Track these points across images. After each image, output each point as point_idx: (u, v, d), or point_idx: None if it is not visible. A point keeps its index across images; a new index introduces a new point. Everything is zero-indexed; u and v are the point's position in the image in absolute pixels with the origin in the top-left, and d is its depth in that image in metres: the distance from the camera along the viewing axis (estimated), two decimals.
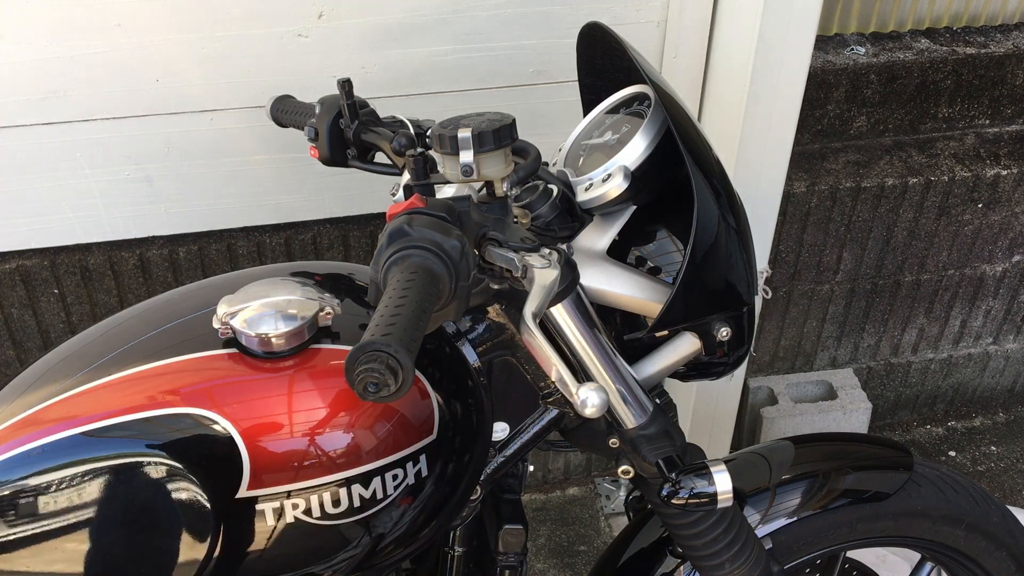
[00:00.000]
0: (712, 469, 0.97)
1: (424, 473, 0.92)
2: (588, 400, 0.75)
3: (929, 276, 2.17)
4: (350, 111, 1.11)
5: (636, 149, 0.93)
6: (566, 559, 2.05)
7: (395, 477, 0.90)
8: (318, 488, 0.87)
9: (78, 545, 0.87)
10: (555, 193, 0.93)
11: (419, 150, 0.97)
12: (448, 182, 0.87)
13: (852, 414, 2.17)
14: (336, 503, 0.88)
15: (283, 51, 1.52)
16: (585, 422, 1.02)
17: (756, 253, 1.00)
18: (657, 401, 0.99)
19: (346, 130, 1.13)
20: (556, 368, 0.77)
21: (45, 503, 0.85)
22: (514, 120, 0.84)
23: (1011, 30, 2.14)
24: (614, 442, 1.01)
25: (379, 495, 0.90)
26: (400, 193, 1.01)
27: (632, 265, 0.98)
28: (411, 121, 1.11)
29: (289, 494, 0.87)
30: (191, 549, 0.87)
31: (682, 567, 1.18)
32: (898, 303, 2.20)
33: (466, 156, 0.81)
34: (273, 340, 0.87)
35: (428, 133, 1.02)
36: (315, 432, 0.87)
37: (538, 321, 0.77)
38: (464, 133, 0.80)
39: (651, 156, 0.93)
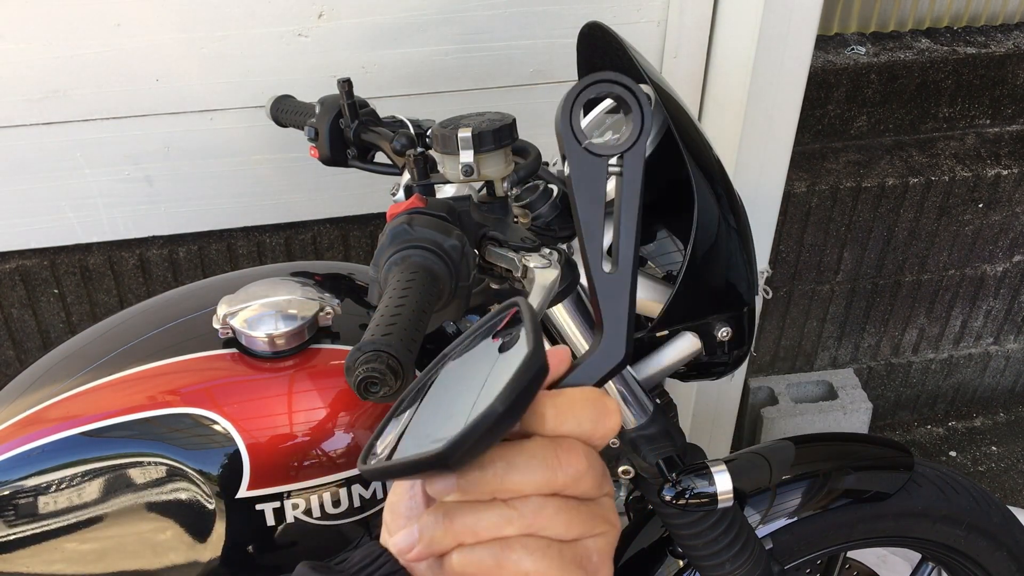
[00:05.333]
0: (712, 469, 0.97)
1: None
2: None
3: (930, 276, 2.17)
4: (350, 111, 1.11)
5: None
6: None
7: None
8: (318, 488, 0.87)
9: (78, 545, 0.87)
10: (555, 193, 0.93)
11: (419, 150, 0.97)
12: (448, 182, 0.86)
13: (853, 414, 2.17)
14: (336, 503, 0.88)
15: (283, 51, 1.52)
16: None
17: (756, 253, 1.00)
18: (657, 401, 0.99)
19: (346, 130, 1.13)
20: None
21: (45, 503, 0.85)
22: (514, 120, 0.84)
23: (1012, 30, 2.14)
24: (614, 442, 1.01)
25: (379, 495, 0.90)
26: (400, 193, 1.01)
27: None
28: (411, 121, 1.11)
29: (289, 494, 0.87)
30: (191, 550, 0.87)
31: (683, 568, 1.18)
32: (899, 303, 2.20)
33: (466, 156, 0.81)
34: (273, 340, 0.87)
35: (428, 133, 1.02)
36: (315, 432, 0.87)
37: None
38: (464, 133, 0.80)
39: (651, 156, 0.93)
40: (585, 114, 1.07)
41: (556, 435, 0.45)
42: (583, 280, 0.92)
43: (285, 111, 1.25)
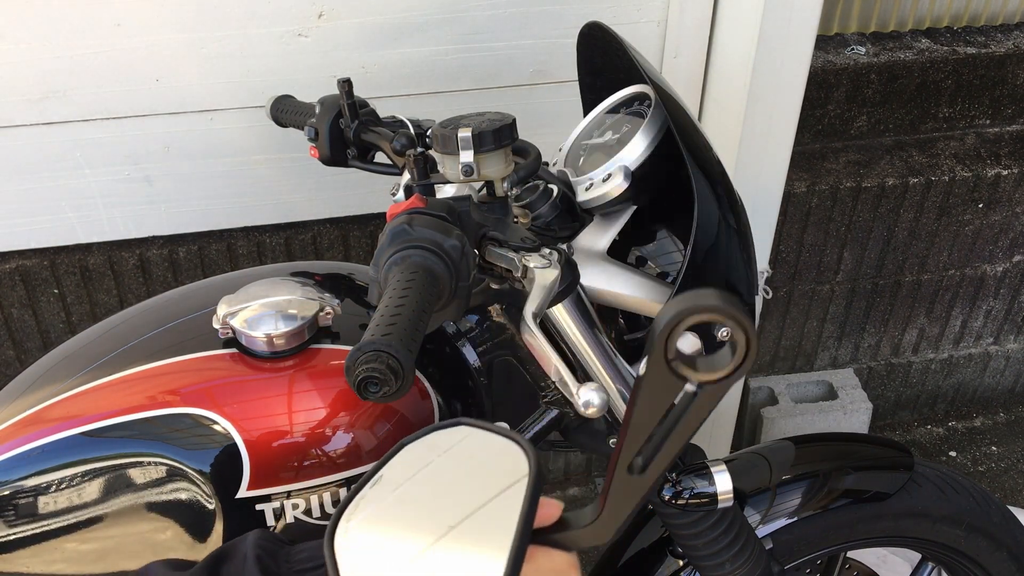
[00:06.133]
0: (712, 469, 0.97)
1: None
2: (589, 400, 0.75)
3: (930, 276, 2.17)
4: (350, 111, 1.11)
5: (636, 149, 0.93)
6: None
7: None
8: (318, 488, 0.87)
9: (78, 545, 0.87)
10: (555, 193, 0.93)
11: (419, 150, 0.97)
12: (448, 182, 0.87)
13: (853, 414, 2.17)
14: (336, 503, 0.88)
15: (283, 51, 1.52)
16: (585, 422, 1.02)
17: (756, 253, 1.00)
18: None
19: (346, 130, 1.13)
20: (556, 368, 0.77)
21: (45, 503, 0.85)
22: (514, 120, 0.84)
23: (1011, 30, 2.14)
24: (614, 442, 1.01)
25: None
26: (400, 193, 1.01)
27: (632, 265, 0.98)
28: (411, 121, 1.11)
29: (289, 494, 0.87)
30: (191, 550, 0.87)
31: (682, 567, 1.18)
32: (899, 303, 2.20)
33: (466, 156, 0.81)
34: (273, 340, 0.87)
35: (428, 133, 1.02)
36: (315, 432, 0.87)
37: (538, 321, 0.77)
38: (464, 133, 0.80)
39: (651, 156, 0.93)
40: (585, 113, 1.07)
41: None
42: (583, 281, 0.92)
43: (285, 111, 1.25)
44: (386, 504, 0.53)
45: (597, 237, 0.96)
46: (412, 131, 1.09)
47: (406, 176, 1.03)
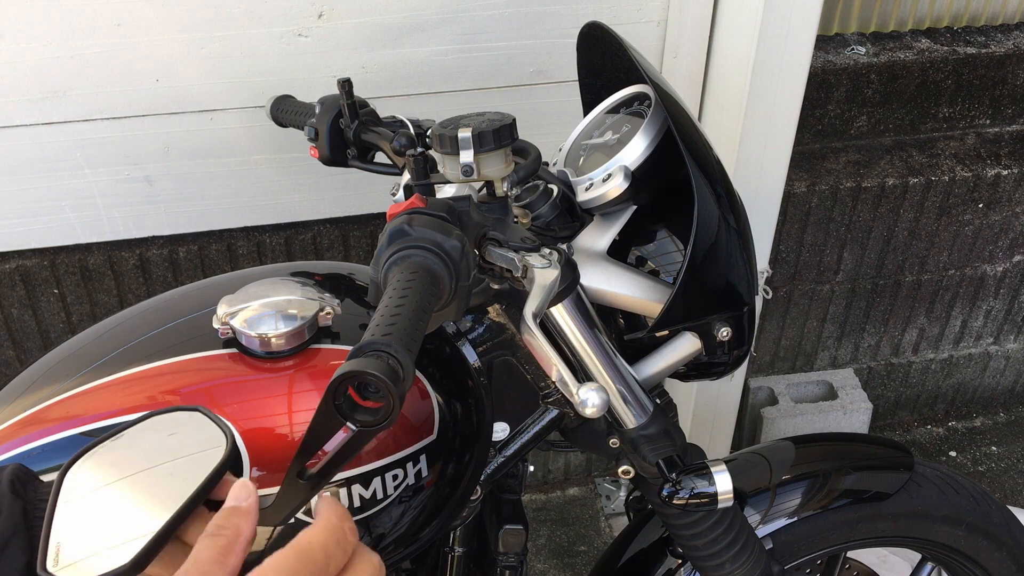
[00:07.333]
0: (712, 469, 0.97)
1: (424, 473, 0.92)
2: (588, 400, 0.75)
3: (930, 276, 2.17)
4: (350, 111, 1.11)
5: (636, 149, 0.93)
6: (566, 559, 2.05)
7: (395, 477, 0.90)
8: None
9: None
10: (555, 193, 0.93)
11: (419, 150, 0.97)
12: (448, 182, 0.86)
13: (853, 414, 2.17)
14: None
15: (283, 51, 1.52)
16: (585, 422, 1.02)
17: (756, 253, 1.00)
18: (657, 401, 0.99)
19: (346, 130, 1.13)
20: (556, 368, 0.77)
21: None
22: (514, 120, 0.84)
23: (1011, 30, 2.14)
24: (614, 442, 1.01)
25: (379, 495, 0.90)
26: (400, 193, 1.01)
27: (632, 265, 0.98)
28: (411, 121, 1.11)
29: None
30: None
31: (682, 567, 1.18)
32: (899, 303, 2.20)
33: (466, 156, 0.81)
34: (273, 340, 0.87)
35: (428, 133, 1.02)
36: None
37: (538, 321, 0.77)
38: (464, 133, 0.80)
39: (651, 156, 0.93)
40: (585, 113, 1.07)
41: None
42: (583, 281, 0.92)
43: (285, 111, 1.25)
44: (112, 454, 0.65)
45: (597, 237, 0.96)
46: (412, 131, 1.09)
47: (406, 176, 1.03)
